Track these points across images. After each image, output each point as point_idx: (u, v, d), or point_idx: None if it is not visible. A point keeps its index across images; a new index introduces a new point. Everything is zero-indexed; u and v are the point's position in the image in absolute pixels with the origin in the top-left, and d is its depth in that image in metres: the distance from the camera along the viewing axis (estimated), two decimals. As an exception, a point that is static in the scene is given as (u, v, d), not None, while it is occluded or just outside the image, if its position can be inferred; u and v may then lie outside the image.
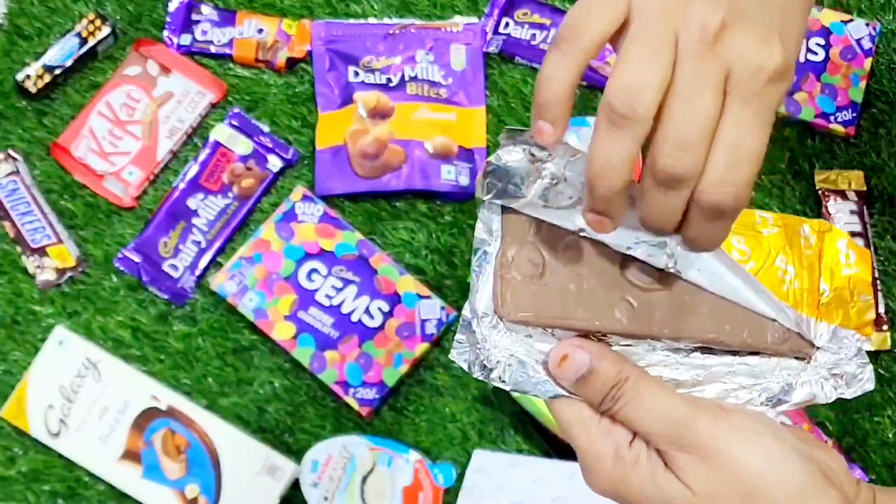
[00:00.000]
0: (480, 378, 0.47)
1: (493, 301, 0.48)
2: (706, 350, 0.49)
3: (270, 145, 0.95)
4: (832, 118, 0.92)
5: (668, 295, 0.49)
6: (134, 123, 0.96)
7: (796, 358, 0.50)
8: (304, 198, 0.93)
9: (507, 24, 0.96)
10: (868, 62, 0.93)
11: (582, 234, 0.48)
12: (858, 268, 0.76)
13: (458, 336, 0.48)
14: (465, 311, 0.48)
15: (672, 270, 0.49)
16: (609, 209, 0.44)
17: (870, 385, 0.50)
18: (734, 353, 0.50)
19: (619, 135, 0.42)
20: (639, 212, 0.44)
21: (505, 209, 0.49)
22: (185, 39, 0.97)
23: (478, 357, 0.48)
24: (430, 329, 0.90)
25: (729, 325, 0.49)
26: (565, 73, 0.44)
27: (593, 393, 0.47)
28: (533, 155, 0.47)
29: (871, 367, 0.50)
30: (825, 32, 0.94)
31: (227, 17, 0.98)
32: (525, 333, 0.48)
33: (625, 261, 0.49)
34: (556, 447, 0.87)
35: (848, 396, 0.50)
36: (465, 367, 0.48)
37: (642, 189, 0.43)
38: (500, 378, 0.47)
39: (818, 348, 0.50)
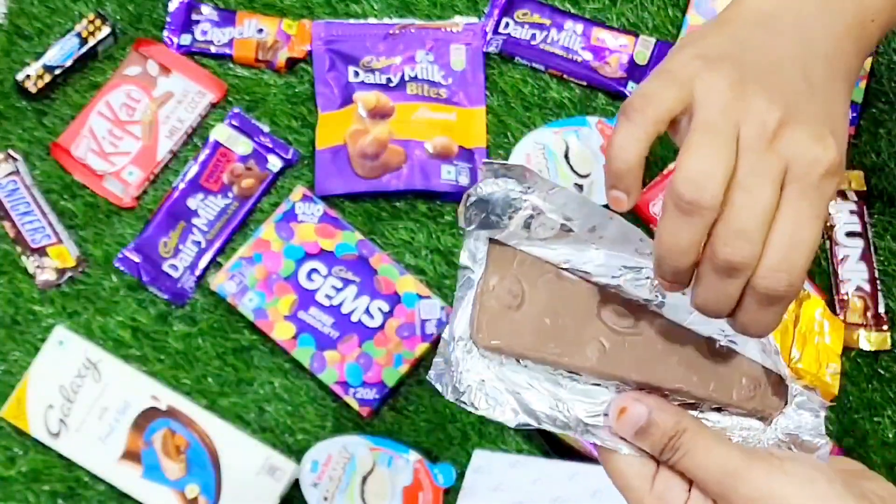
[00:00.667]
0: (452, 400, 0.48)
1: (469, 326, 0.49)
2: (668, 397, 0.50)
3: (270, 145, 0.95)
4: (832, 118, 0.92)
5: (641, 340, 0.50)
6: (134, 123, 0.96)
7: (759, 418, 0.51)
8: (304, 198, 0.93)
9: (507, 24, 0.96)
10: (868, 62, 0.93)
11: (565, 266, 0.50)
12: (830, 337, 0.77)
13: (435, 358, 0.49)
14: (445, 334, 0.49)
15: (656, 303, 0.50)
16: (679, 280, 0.46)
17: (825, 458, 0.51)
18: (696, 406, 0.51)
19: (686, 221, 0.44)
20: (694, 297, 0.46)
21: (492, 240, 0.50)
22: (185, 39, 0.97)
23: (451, 379, 0.48)
24: (430, 329, 0.90)
25: (697, 378, 0.50)
26: (637, 143, 0.46)
27: (653, 444, 0.48)
28: (512, 188, 0.48)
29: (828, 444, 0.51)
30: (825, 32, 0.94)
31: (227, 17, 0.98)
32: (498, 361, 0.49)
33: (602, 302, 0.50)
34: (556, 447, 0.87)
35: None
36: (439, 387, 0.48)
37: (699, 274, 0.46)
38: (470, 403, 0.48)
39: (782, 412, 0.51)
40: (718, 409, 0.51)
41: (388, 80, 0.95)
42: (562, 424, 0.49)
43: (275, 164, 0.95)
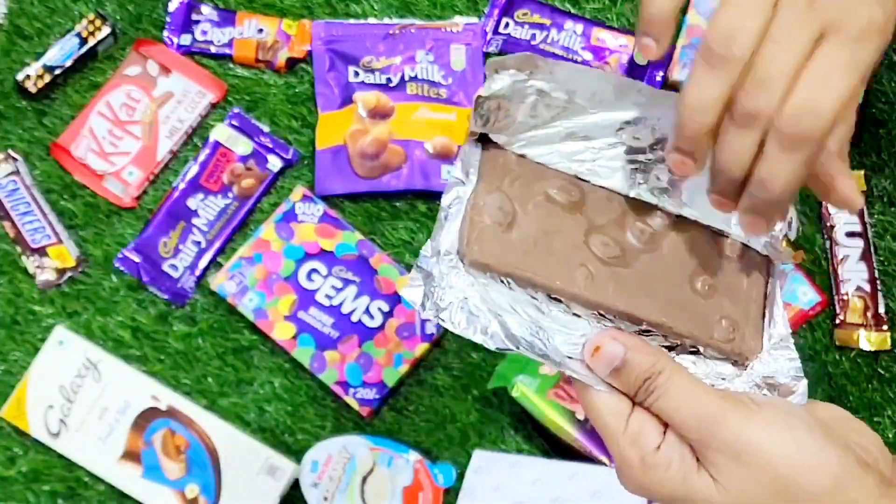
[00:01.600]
0: (431, 317, 0.47)
1: (458, 241, 0.48)
2: (647, 334, 0.50)
3: (270, 145, 0.95)
4: (832, 118, 0.92)
5: (628, 272, 0.50)
6: (134, 123, 0.96)
7: (734, 363, 0.51)
8: (304, 198, 0.93)
9: (506, 25, 0.96)
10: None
11: (563, 166, 0.50)
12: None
13: (413, 273, 0.48)
14: (426, 250, 0.48)
15: (658, 188, 0.50)
16: (695, 149, 0.45)
17: (802, 399, 0.50)
18: (672, 348, 0.50)
19: (713, 74, 0.43)
20: (714, 154, 0.45)
21: (485, 148, 0.50)
22: (185, 39, 0.97)
23: (432, 295, 0.47)
24: (430, 329, 0.90)
25: (679, 313, 0.50)
26: None
27: (627, 385, 0.47)
28: (517, 78, 0.49)
29: (805, 382, 0.50)
30: (825, 32, 0.94)
31: (227, 17, 0.98)
32: (483, 280, 0.48)
33: (590, 231, 0.50)
34: (556, 447, 0.87)
35: None
36: (416, 304, 0.47)
37: (720, 132, 0.44)
38: (450, 320, 0.47)
39: (758, 356, 0.51)
40: (694, 352, 0.50)
41: (388, 80, 0.95)
42: (541, 352, 0.48)
43: (275, 164, 0.95)
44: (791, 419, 0.46)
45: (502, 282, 0.49)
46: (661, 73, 0.95)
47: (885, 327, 0.88)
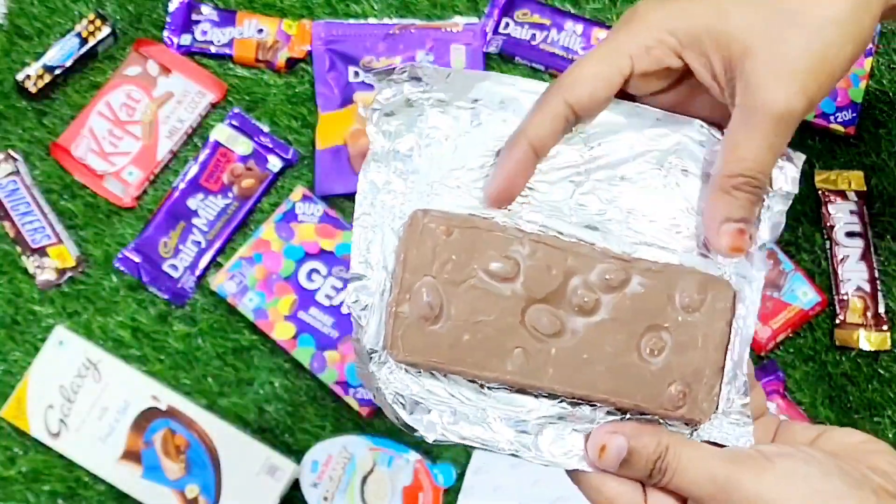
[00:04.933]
0: (395, 422, 0.46)
1: (383, 339, 0.46)
2: (592, 407, 0.49)
3: (270, 145, 0.95)
4: (832, 118, 0.92)
5: (569, 347, 0.48)
6: (134, 123, 0.96)
7: (685, 423, 0.50)
8: (304, 198, 0.93)
9: (507, 25, 0.96)
10: (868, 62, 0.93)
11: (503, 243, 0.48)
12: None
13: (358, 370, 0.47)
14: (355, 343, 0.47)
15: (614, 249, 0.49)
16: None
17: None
18: (623, 412, 0.49)
19: None
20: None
21: (410, 223, 0.47)
22: (186, 39, 0.97)
23: (377, 394, 0.47)
24: (430, 329, 0.90)
25: (623, 386, 0.48)
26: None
27: (638, 472, 0.47)
28: (410, 91, 0.48)
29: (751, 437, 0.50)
30: (825, 32, 0.94)
31: (228, 17, 0.98)
32: (415, 372, 0.47)
33: (528, 304, 0.48)
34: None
35: None
36: (379, 405, 0.47)
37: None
38: (396, 415, 0.47)
39: (712, 417, 0.50)
40: (645, 416, 0.49)
41: (388, 80, 0.95)
42: (491, 442, 0.47)
43: (275, 164, 0.95)
44: (805, 468, 0.46)
45: (433, 375, 0.47)
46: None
47: (885, 327, 0.88)
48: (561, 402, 0.49)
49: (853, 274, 0.89)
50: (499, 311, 0.47)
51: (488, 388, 0.48)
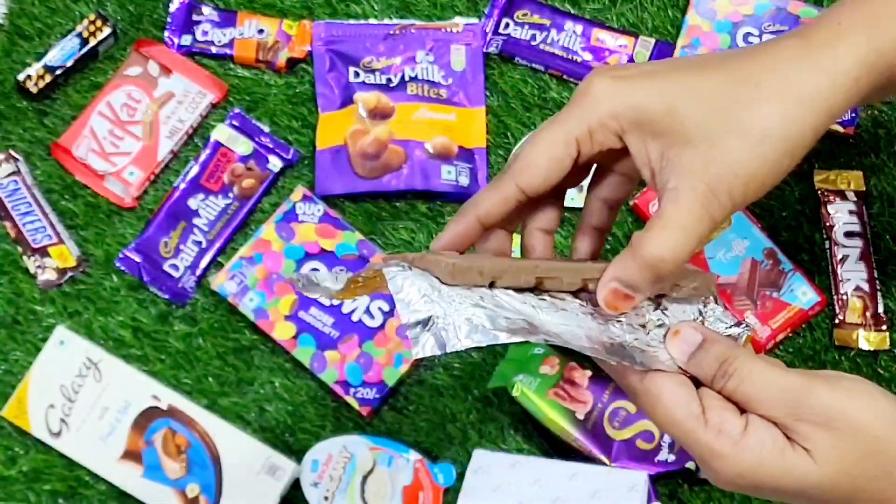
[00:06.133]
0: (463, 347, 0.47)
1: (430, 277, 0.48)
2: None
3: (271, 145, 0.95)
4: (832, 118, 0.92)
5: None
6: (135, 124, 0.96)
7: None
8: (305, 198, 0.93)
9: (506, 25, 0.96)
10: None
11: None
12: None
13: (411, 334, 0.48)
14: (409, 316, 0.48)
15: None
16: None
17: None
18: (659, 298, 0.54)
19: None
20: None
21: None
22: (186, 40, 0.97)
23: (442, 333, 0.48)
24: (431, 329, 0.90)
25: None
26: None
27: (704, 368, 0.49)
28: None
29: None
30: (825, 33, 0.94)
31: (228, 17, 0.98)
32: (468, 292, 0.49)
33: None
34: (556, 447, 0.87)
35: None
36: (436, 351, 0.47)
37: None
38: (469, 336, 0.47)
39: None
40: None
41: (389, 80, 0.95)
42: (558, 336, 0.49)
43: (275, 164, 0.95)
44: (869, 388, 0.49)
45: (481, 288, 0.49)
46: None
47: (884, 327, 0.88)
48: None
49: (852, 274, 0.89)
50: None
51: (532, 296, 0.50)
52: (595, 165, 0.56)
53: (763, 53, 0.51)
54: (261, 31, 0.97)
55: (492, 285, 0.49)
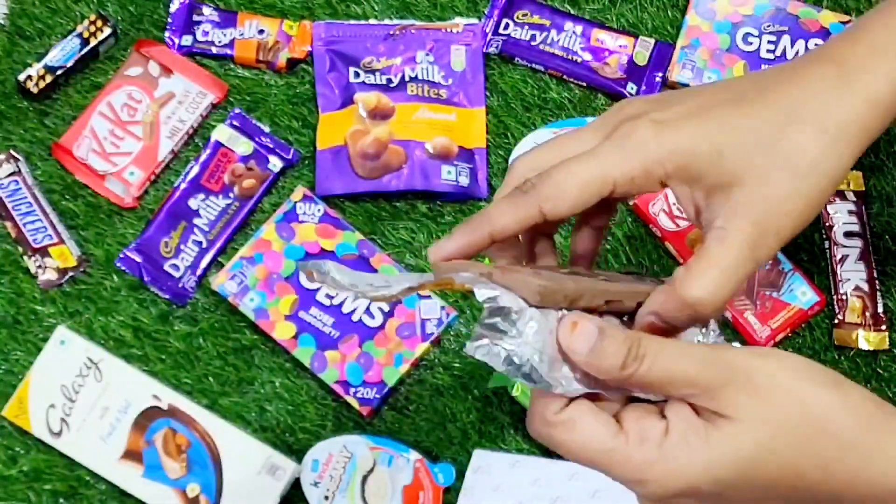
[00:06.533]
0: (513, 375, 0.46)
1: (515, 298, 0.46)
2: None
3: (271, 146, 0.95)
4: (831, 119, 0.92)
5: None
6: (135, 124, 0.96)
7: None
8: (305, 198, 0.93)
9: (506, 25, 0.96)
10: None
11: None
12: None
13: (480, 331, 0.46)
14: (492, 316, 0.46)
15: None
16: None
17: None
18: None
19: None
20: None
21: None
22: (187, 40, 0.97)
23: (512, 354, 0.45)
24: (431, 329, 0.90)
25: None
26: None
27: (613, 355, 0.45)
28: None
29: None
30: (825, 34, 0.94)
31: (228, 18, 0.98)
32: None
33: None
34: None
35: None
36: (496, 365, 0.46)
37: None
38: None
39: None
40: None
41: (389, 80, 0.95)
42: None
43: (275, 164, 0.95)
44: (780, 352, 0.46)
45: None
46: (659, 75, 0.95)
47: (883, 327, 0.88)
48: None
49: (852, 274, 0.89)
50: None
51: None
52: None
53: (800, 80, 0.51)
54: (261, 32, 0.97)
55: (569, 308, 0.48)
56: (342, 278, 0.47)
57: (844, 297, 0.89)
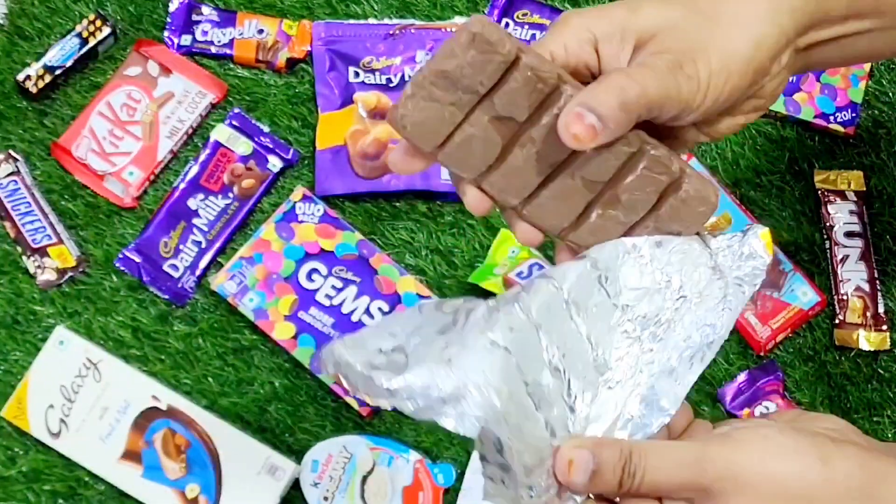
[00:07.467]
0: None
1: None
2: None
3: (271, 145, 0.95)
4: (832, 118, 0.92)
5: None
6: (134, 124, 0.96)
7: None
8: (305, 198, 0.93)
9: (506, 25, 0.96)
10: (867, 63, 0.93)
11: None
12: None
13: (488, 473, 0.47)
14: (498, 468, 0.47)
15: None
16: None
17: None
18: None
19: None
20: None
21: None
22: (186, 40, 0.97)
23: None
24: (430, 329, 0.90)
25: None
26: None
27: (610, 480, 0.48)
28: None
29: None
30: (825, 33, 0.94)
31: (228, 17, 0.98)
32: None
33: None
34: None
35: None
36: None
37: None
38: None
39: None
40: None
41: (389, 80, 0.95)
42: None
43: (275, 164, 0.95)
44: (763, 430, 0.48)
45: None
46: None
47: (884, 327, 0.88)
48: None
49: (853, 274, 0.89)
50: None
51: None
52: None
53: None
54: (261, 31, 0.97)
55: (515, 61, 0.49)
56: (353, 358, 0.51)
57: (845, 297, 0.89)
